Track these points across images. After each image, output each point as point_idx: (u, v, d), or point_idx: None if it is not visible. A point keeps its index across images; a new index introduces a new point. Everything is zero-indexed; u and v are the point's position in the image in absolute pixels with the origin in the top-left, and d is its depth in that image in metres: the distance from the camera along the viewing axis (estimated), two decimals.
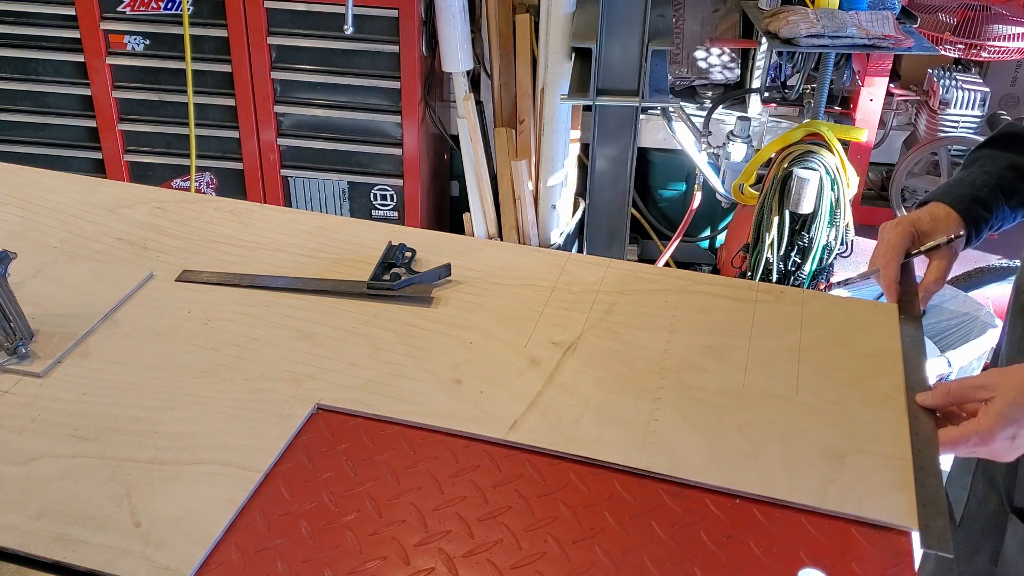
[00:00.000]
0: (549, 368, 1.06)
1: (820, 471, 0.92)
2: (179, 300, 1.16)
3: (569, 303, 1.18)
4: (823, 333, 1.13)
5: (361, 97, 2.68)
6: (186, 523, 0.84)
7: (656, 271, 1.26)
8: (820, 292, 1.21)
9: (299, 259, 1.26)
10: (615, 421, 0.98)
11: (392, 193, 2.80)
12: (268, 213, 1.37)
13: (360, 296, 1.18)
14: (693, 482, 0.91)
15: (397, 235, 1.30)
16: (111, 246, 1.27)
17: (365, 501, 0.88)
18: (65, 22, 2.64)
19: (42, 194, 1.39)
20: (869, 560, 0.83)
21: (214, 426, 0.96)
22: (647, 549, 0.84)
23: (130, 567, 0.80)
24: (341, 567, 0.82)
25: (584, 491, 0.90)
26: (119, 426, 0.95)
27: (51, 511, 0.85)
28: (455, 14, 2.53)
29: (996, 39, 2.80)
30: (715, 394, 1.02)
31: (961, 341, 2.17)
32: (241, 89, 2.66)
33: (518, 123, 2.66)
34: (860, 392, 1.03)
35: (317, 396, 1.01)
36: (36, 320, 1.08)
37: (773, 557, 0.83)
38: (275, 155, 2.77)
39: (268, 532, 0.85)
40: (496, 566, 0.82)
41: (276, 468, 0.92)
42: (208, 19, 2.60)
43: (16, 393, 1.00)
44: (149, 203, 1.38)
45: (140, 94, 2.73)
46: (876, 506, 0.88)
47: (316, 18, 2.58)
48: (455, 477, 0.91)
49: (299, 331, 1.11)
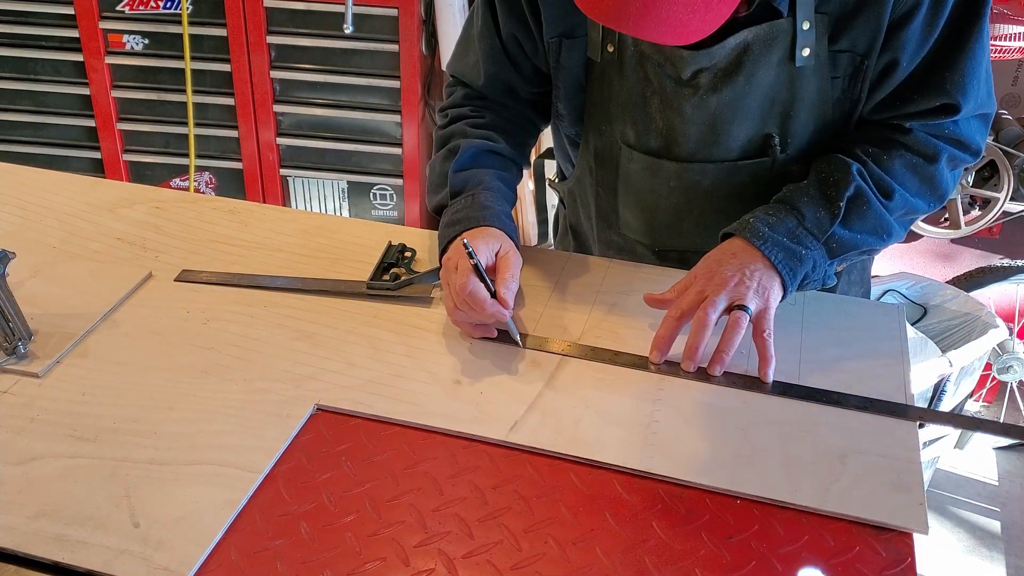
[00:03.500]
0: (549, 368, 1.06)
1: (821, 472, 0.92)
2: (178, 300, 1.16)
3: (569, 303, 1.17)
4: (823, 333, 1.12)
5: (361, 96, 2.67)
6: (185, 524, 0.84)
7: (656, 271, 1.25)
8: (820, 292, 1.21)
9: (299, 259, 1.25)
10: (615, 422, 0.98)
11: (392, 193, 2.80)
12: (267, 213, 1.37)
13: (360, 296, 1.18)
14: (693, 483, 0.91)
15: (397, 235, 1.30)
16: (110, 246, 1.27)
17: (364, 502, 0.88)
18: (64, 21, 2.64)
19: (41, 194, 1.39)
20: (870, 561, 0.83)
21: (213, 426, 0.96)
22: (647, 549, 0.84)
23: (129, 568, 0.80)
24: (340, 568, 0.81)
25: (584, 491, 0.90)
26: (118, 426, 0.95)
27: (50, 511, 0.85)
28: (455, 13, 2.53)
29: (997, 38, 2.80)
30: (715, 395, 1.02)
31: (962, 341, 2.17)
32: (240, 88, 2.66)
33: None
34: (860, 392, 1.03)
35: (316, 396, 1.00)
36: (35, 320, 1.08)
37: (773, 557, 0.83)
38: (274, 155, 2.77)
39: (267, 533, 0.85)
40: (496, 567, 0.82)
41: (275, 469, 0.91)
42: (207, 18, 2.59)
43: (15, 393, 1.00)
44: (148, 203, 1.38)
45: (139, 93, 2.72)
46: (877, 507, 0.88)
47: (316, 17, 2.58)
48: (455, 478, 0.91)
49: (298, 331, 1.11)
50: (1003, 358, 2.40)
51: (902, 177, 1.12)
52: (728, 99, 1.12)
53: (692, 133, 1.16)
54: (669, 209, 1.23)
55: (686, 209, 1.22)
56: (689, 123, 1.15)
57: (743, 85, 1.11)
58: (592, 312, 1.16)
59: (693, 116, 1.14)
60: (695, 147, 1.17)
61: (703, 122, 1.15)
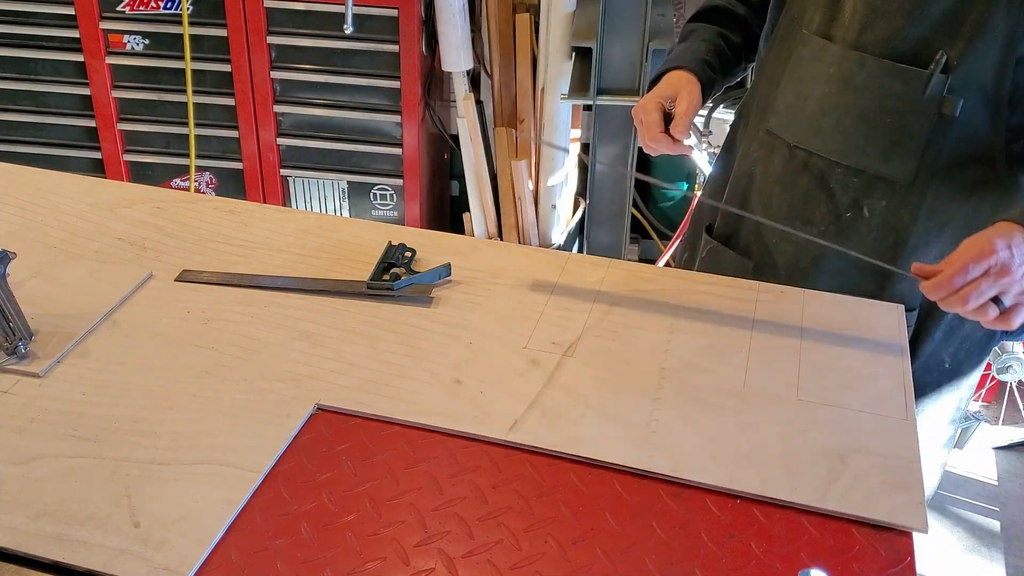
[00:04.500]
0: (549, 368, 1.06)
1: (820, 471, 0.92)
2: (178, 300, 1.16)
3: (569, 303, 1.18)
4: (823, 333, 1.12)
5: (361, 97, 2.67)
6: (186, 523, 0.84)
7: (656, 271, 1.26)
8: (820, 292, 1.21)
9: (299, 259, 1.25)
10: (615, 421, 0.98)
11: (392, 193, 2.80)
12: (267, 213, 1.37)
13: (360, 296, 1.18)
14: (693, 482, 0.91)
15: (397, 235, 1.30)
16: (110, 246, 1.27)
17: (365, 501, 0.88)
18: (64, 22, 2.64)
19: (41, 194, 1.39)
20: (869, 560, 0.83)
21: (214, 426, 0.96)
22: (647, 549, 0.84)
23: (130, 567, 0.80)
24: (341, 567, 0.81)
25: (584, 491, 0.90)
26: (118, 426, 0.95)
27: (50, 511, 0.85)
28: (455, 14, 2.53)
29: None
30: (715, 394, 1.02)
31: None
32: (241, 89, 2.66)
33: (518, 123, 2.66)
34: (860, 392, 1.03)
35: (317, 396, 1.01)
36: (35, 320, 1.08)
37: (773, 557, 0.83)
38: (275, 155, 2.77)
39: (268, 532, 0.85)
40: (496, 566, 0.82)
41: (276, 468, 0.91)
42: (207, 19, 2.59)
43: (15, 393, 1.00)
44: (148, 203, 1.38)
45: (139, 94, 2.72)
46: (877, 506, 0.88)
47: (316, 17, 2.58)
48: (455, 477, 0.91)
49: (299, 331, 1.11)
50: (1002, 358, 2.41)
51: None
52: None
53: (869, 20, 1.18)
54: (819, 99, 1.24)
55: (832, 104, 1.23)
56: (871, 10, 1.18)
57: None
58: (592, 312, 1.16)
59: (881, 6, 1.17)
60: (865, 35, 1.18)
61: (886, 10, 1.17)
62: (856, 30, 1.19)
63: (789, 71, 1.29)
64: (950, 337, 1.30)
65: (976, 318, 1.04)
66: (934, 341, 1.29)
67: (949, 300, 1.02)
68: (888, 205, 1.22)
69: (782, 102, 1.30)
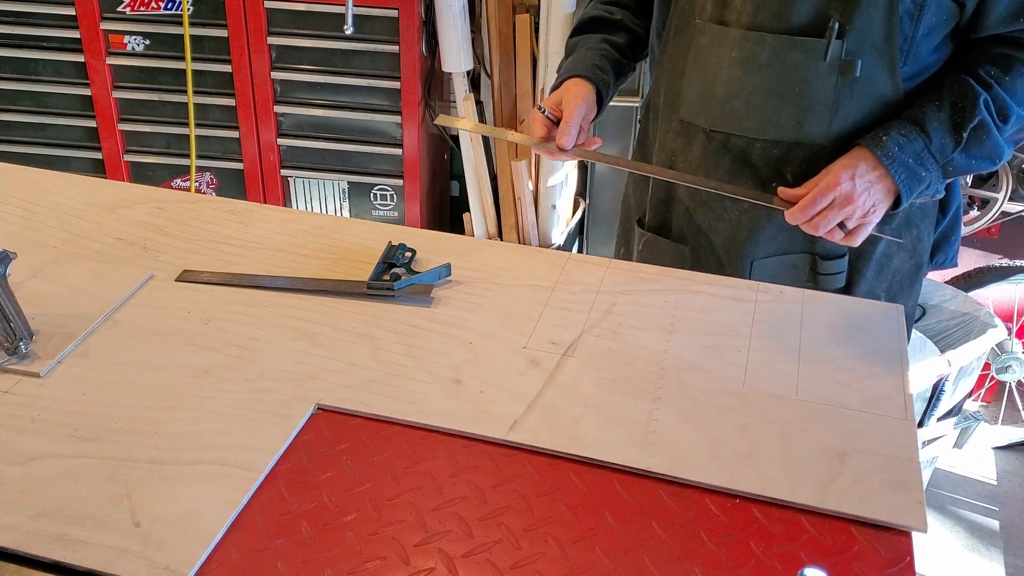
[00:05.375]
0: (549, 368, 1.06)
1: (820, 471, 0.92)
2: (179, 300, 1.16)
3: (569, 303, 1.18)
4: (823, 333, 1.13)
5: (361, 97, 2.68)
6: (186, 523, 0.84)
7: (656, 271, 1.26)
8: (820, 292, 1.22)
9: (299, 259, 1.26)
10: (615, 421, 0.98)
11: (392, 193, 2.80)
12: (268, 213, 1.37)
13: (360, 296, 1.18)
14: (693, 482, 0.91)
15: (397, 235, 1.30)
16: (111, 246, 1.27)
17: (365, 501, 0.88)
18: (65, 22, 2.64)
19: (42, 194, 1.39)
20: (869, 560, 0.83)
21: (214, 426, 0.96)
22: (647, 549, 0.84)
23: (130, 567, 0.80)
24: (341, 567, 0.82)
25: (584, 491, 0.90)
26: (119, 426, 0.95)
27: (51, 511, 0.85)
28: (455, 14, 2.53)
29: None
30: (715, 394, 1.02)
31: (961, 341, 2.17)
32: (241, 89, 2.66)
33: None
34: (860, 392, 1.03)
35: (317, 396, 1.01)
36: (36, 320, 1.08)
37: (773, 557, 0.83)
38: (275, 155, 2.77)
39: (268, 532, 0.85)
40: (496, 566, 0.82)
41: (276, 468, 0.92)
42: (208, 19, 2.59)
43: (16, 393, 1.00)
44: (149, 203, 1.38)
45: (140, 94, 2.72)
46: (876, 506, 0.88)
47: (316, 18, 2.58)
48: (455, 477, 0.91)
49: (299, 331, 1.11)
50: (1002, 358, 2.41)
51: (1020, 96, 1.19)
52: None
53: (760, 0, 1.23)
54: (726, 82, 1.28)
55: (740, 85, 1.27)
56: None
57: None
58: (592, 312, 1.16)
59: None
60: (760, 15, 1.23)
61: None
62: (750, 12, 1.24)
63: (691, 61, 1.32)
64: (881, 273, 1.39)
65: (827, 239, 1.21)
66: (867, 279, 1.38)
67: (804, 226, 1.20)
68: (809, 168, 1.27)
69: (690, 91, 1.33)
